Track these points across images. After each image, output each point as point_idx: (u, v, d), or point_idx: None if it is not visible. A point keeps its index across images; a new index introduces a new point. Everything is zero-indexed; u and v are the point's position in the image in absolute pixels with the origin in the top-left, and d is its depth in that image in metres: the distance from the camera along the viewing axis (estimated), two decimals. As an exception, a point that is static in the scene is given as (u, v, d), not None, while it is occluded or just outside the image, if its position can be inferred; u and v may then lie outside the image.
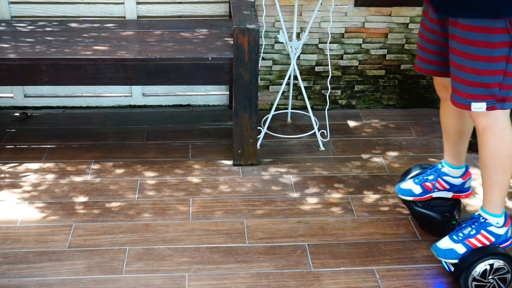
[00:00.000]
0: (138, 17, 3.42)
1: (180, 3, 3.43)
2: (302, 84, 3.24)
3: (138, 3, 3.38)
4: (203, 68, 2.89)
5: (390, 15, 3.46)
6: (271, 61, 3.53)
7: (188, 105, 3.66)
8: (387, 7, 3.44)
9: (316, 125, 3.29)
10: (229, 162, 3.10)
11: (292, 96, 3.59)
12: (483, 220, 2.31)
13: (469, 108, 2.15)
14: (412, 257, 2.49)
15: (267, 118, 3.33)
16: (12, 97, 3.56)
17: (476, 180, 3.01)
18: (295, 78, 3.52)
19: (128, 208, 2.74)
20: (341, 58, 3.55)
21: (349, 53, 3.54)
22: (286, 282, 2.35)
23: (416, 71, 2.70)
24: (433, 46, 2.28)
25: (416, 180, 2.60)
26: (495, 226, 2.30)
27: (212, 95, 3.66)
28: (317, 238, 2.59)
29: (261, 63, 3.50)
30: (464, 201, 2.84)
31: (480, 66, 2.07)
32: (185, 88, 3.64)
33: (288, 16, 3.40)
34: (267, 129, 3.34)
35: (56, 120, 3.48)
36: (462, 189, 2.60)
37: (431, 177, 2.59)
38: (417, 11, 3.46)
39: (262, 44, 3.39)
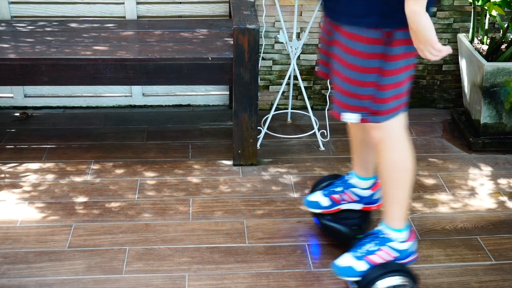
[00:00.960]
0: (138, 17, 3.42)
1: (180, 3, 3.43)
2: (302, 84, 3.24)
3: (138, 3, 3.38)
4: (203, 68, 2.89)
5: (390, 15, 3.45)
6: (271, 61, 3.53)
7: (188, 105, 3.66)
8: (387, 7, 3.43)
9: (316, 125, 3.29)
10: (229, 162, 3.10)
11: (292, 96, 3.59)
12: (384, 236, 2.22)
13: (339, 117, 2.07)
14: (412, 257, 2.50)
15: (267, 118, 3.33)
16: (12, 97, 3.56)
17: (476, 180, 3.01)
18: (295, 78, 3.52)
19: (128, 208, 2.74)
20: (341, 58, 3.54)
21: (349, 53, 3.53)
22: (286, 282, 2.35)
23: (321, 77, 2.55)
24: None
25: (325, 192, 2.50)
26: (397, 241, 2.20)
27: (212, 95, 3.66)
28: (317, 238, 2.59)
29: (261, 63, 3.50)
30: (464, 201, 2.85)
31: (353, 76, 1.99)
32: (185, 88, 3.64)
33: (288, 16, 3.40)
34: (267, 129, 3.34)
35: (56, 120, 3.49)
36: (371, 200, 2.49)
37: (339, 189, 2.49)
38: (417, 11, 3.45)
39: (262, 44, 3.39)
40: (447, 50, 1.84)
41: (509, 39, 3.30)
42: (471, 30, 3.37)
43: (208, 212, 2.73)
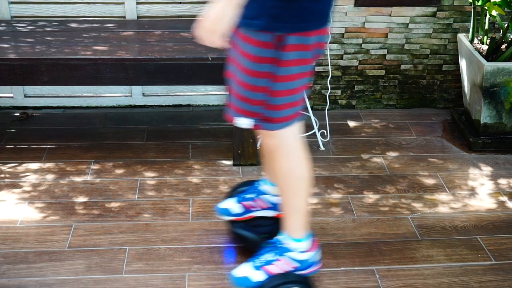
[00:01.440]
0: (138, 17, 3.42)
1: (180, 3, 3.43)
2: (302, 84, 3.24)
3: (138, 3, 3.38)
4: (203, 68, 2.89)
5: (390, 15, 3.46)
6: (271, 61, 3.52)
7: (188, 105, 3.66)
8: (387, 7, 3.44)
9: (316, 125, 3.29)
10: (229, 162, 3.10)
11: (292, 96, 3.58)
12: (283, 245, 2.17)
13: (232, 121, 2.02)
14: (412, 257, 2.50)
15: (267, 118, 3.33)
16: (12, 97, 3.56)
17: (476, 180, 3.01)
18: (295, 78, 3.51)
19: (128, 208, 2.74)
20: (341, 58, 3.55)
21: (349, 53, 3.54)
22: (286, 282, 2.35)
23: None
24: None
25: (237, 199, 2.45)
26: (296, 252, 2.16)
27: (212, 95, 3.66)
28: (317, 238, 2.59)
29: (261, 63, 3.50)
30: (464, 201, 2.85)
31: (246, 80, 1.93)
32: (185, 88, 3.64)
33: (288, 16, 3.39)
34: (267, 129, 3.34)
35: (56, 120, 3.49)
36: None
37: (250, 196, 2.44)
38: (417, 11, 3.46)
39: (262, 44, 3.38)
40: (222, 44, 1.80)
41: (509, 39, 3.30)
42: (471, 30, 3.37)
43: (208, 212, 2.73)
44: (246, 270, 2.18)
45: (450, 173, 3.06)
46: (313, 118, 3.28)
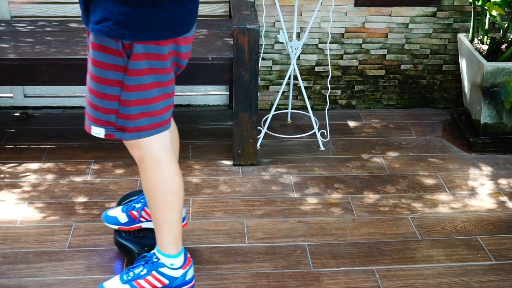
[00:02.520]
0: (138, 17, 3.41)
1: (180, 3, 3.43)
2: (302, 84, 3.24)
3: (138, 3, 3.38)
4: (203, 68, 2.89)
5: (390, 15, 3.46)
6: (271, 61, 3.53)
7: (188, 105, 3.66)
8: (387, 7, 3.44)
9: (316, 125, 3.29)
10: (229, 162, 3.10)
11: (292, 96, 3.58)
12: (155, 260, 2.13)
13: (89, 131, 1.96)
14: (412, 257, 2.49)
15: (267, 118, 3.33)
16: (12, 97, 3.56)
17: (476, 180, 3.01)
18: (295, 78, 3.52)
19: (128, 208, 2.74)
20: (341, 58, 3.55)
21: (349, 53, 3.54)
22: (286, 282, 2.35)
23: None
24: None
25: (124, 208, 2.39)
26: (168, 268, 2.12)
27: (212, 95, 3.66)
28: (317, 238, 2.59)
29: (261, 63, 3.50)
30: (464, 201, 2.85)
31: (96, 87, 1.88)
32: (185, 88, 3.64)
33: (288, 16, 3.40)
34: (267, 129, 3.34)
35: (56, 120, 3.48)
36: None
37: (138, 205, 2.37)
38: (417, 11, 3.46)
39: (262, 44, 3.39)
40: None
41: (509, 39, 3.30)
42: (471, 30, 3.37)
43: (208, 212, 2.73)
44: (116, 283, 2.14)
45: (450, 173, 3.06)
46: (313, 118, 3.28)
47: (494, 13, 3.20)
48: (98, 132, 1.94)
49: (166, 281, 2.15)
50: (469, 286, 2.35)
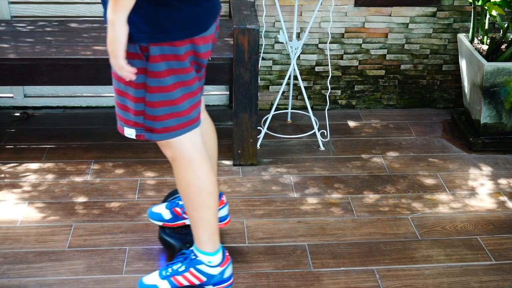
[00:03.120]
0: (138, 17, 3.41)
1: (180, 3, 3.43)
2: (302, 84, 3.24)
3: (138, 3, 3.38)
4: (203, 68, 2.89)
5: (390, 15, 3.46)
6: (271, 61, 3.53)
7: (188, 105, 3.66)
8: (387, 7, 3.44)
9: (316, 125, 3.29)
10: (229, 162, 3.10)
11: (292, 96, 3.59)
12: (194, 257, 2.14)
13: (122, 132, 1.99)
14: (412, 257, 2.50)
15: (267, 118, 3.33)
16: (12, 97, 3.56)
17: (476, 180, 3.01)
18: (295, 78, 3.52)
19: (128, 208, 2.74)
20: (341, 58, 3.55)
21: (349, 53, 3.54)
22: (286, 282, 2.35)
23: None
24: None
25: (168, 205, 2.43)
26: (206, 265, 2.13)
27: (212, 95, 3.66)
28: (317, 238, 2.59)
29: (261, 63, 3.50)
30: (464, 201, 2.85)
31: (124, 90, 1.90)
32: (185, 88, 3.63)
33: (288, 16, 3.40)
34: (267, 129, 3.34)
35: (56, 120, 3.48)
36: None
37: (181, 202, 2.39)
38: (417, 11, 3.46)
39: (262, 44, 3.39)
40: (129, 71, 1.79)
41: (509, 39, 3.30)
42: (471, 30, 3.37)
43: (208, 212, 2.73)
44: (155, 279, 2.16)
45: (450, 173, 3.06)
46: (313, 118, 3.28)
47: (494, 13, 3.20)
48: (130, 133, 1.97)
49: (204, 278, 2.16)
50: (469, 286, 2.35)
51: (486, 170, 3.09)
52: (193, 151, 2.01)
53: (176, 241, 2.38)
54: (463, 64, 3.38)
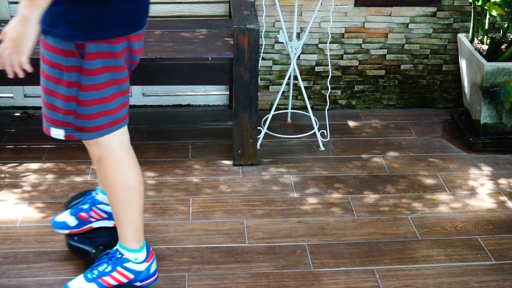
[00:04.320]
0: (138, 17, 3.41)
1: (180, 3, 3.43)
2: (302, 84, 3.24)
3: (138, 3, 3.38)
4: (203, 68, 2.89)
5: (390, 15, 3.46)
6: (271, 61, 3.53)
7: (188, 105, 3.66)
8: (387, 7, 3.44)
9: (316, 125, 3.29)
10: (229, 162, 3.10)
11: (292, 96, 3.58)
12: (119, 256, 2.14)
13: (49, 133, 1.95)
14: (412, 257, 2.50)
15: (267, 118, 3.33)
16: (12, 97, 3.56)
17: (476, 180, 3.01)
18: (295, 78, 3.52)
19: (128, 208, 2.74)
20: (341, 58, 3.55)
21: (349, 53, 3.54)
22: (286, 282, 2.35)
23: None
24: None
25: (72, 211, 2.38)
26: (133, 262, 2.14)
27: (212, 95, 3.66)
28: (317, 238, 2.59)
29: (261, 63, 3.50)
30: (464, 201, 2.85)
31: (53, 88, 1.87)
32: (185, 88, 3.64)
33: (288, 16, 3.40)
34: (267, 129, 3.34)
35: (56, 120, 3.48)
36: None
37: (85, 206, 2.37)
38: (417, 11, 3.46)
39: (262, 44, 3.39)
40: (27, 69, 1.76)
41: (509, 39, 3.30)
42: (471, 30, 3.37)
43: (208, 212, 2.73)
44: (81, 283, 2.14)
45: (450, 173, 3.06)
46: (313, 118, 3.28)
47: (494, 13, 3.20)
48: (58, 133, 1.94)
49: (132, 276, 2.16)
50: (469, 286, 2.35)
51: (486, 170, 3.09)
52: (121, 150, 2.02)
53: (89, 246, 2.34)
54: (463, 64, 3.38)
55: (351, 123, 3.52)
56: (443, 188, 2.94)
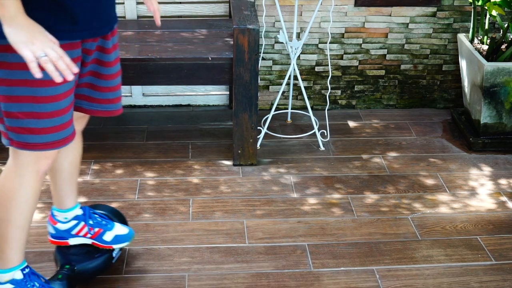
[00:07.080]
0: (138, 17, 3.42)
1: (180, 3, 3.43)
2: (302, 84, 3.24)
3: (138, 3, 3.38)
4: (203, 68, 2.89)
5: (390, 15, 3.46)
6: (271, 61, 3.53)
7: (188, 105, 3.66)
8: (387, 7, 3.44)
9: (316, 125, 3.29)
10: (229, 162, 3.10)
11: (292, 96, 3.58)
12: None
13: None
14: (412, 257, 2.49)
15: (267, 118, 3.33)
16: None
17: (476, 180, 3.01)
18: (295, 78, 3.52)
19: (128, 208, 2.74)
20: (341, 58, 3.55)
21: (349, 53, 3.54)
22: (286, 282, 2.35)
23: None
24: None
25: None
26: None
27: (212, 95, 3.66)
28: (317, 238, 2.59)
29: (261, 63, 3.50)
30: (464, 201, 2.85)
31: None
32: (185, 88, 3.64)
33: (288, 16, 3.40)
34: (267, 129, 3.34)
35: (56, 120, 3.48)
36: (65, 235, 2.28)
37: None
38: (417, 11, 3.46)
39: (262, 44, 3.39)
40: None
41: (509, 39, 3.30)
42: (471, 30, 3.37)
43: (208, 212, 2.73)
44: None
45: (450, 173, 3.06)
46: (313, 118, 3.28)
47: (494, 13, 3.20)
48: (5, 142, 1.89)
49: None
50: (469, 286, 2.35)
51: (486, 170, 3.09)
52: (29, 172, 1.91)
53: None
54: (463, 64, 3.38)
55: (351, 123, 3.52)
56: (443, 188, 2.94)
